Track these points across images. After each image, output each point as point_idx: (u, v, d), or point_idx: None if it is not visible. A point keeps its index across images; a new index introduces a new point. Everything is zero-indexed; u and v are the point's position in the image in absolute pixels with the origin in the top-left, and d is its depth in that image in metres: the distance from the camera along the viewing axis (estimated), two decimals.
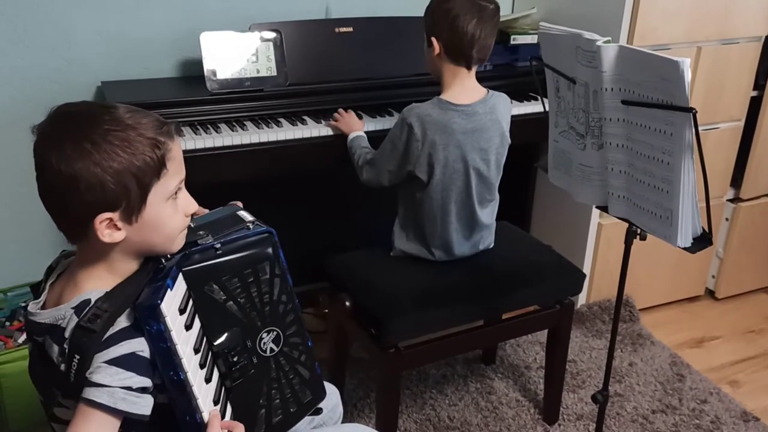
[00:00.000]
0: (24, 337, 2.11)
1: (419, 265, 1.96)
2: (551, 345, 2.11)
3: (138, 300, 1.07)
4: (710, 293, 2.91)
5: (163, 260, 1.14)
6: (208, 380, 1.12)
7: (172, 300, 1.07)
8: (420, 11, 1.94)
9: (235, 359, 1.16)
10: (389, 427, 1.90)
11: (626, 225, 1.49)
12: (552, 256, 2.06)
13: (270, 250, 1.20)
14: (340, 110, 2.15)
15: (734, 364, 2.53)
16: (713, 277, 2.86)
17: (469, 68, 1.86)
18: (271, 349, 1.22)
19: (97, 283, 1.09)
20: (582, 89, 1.43)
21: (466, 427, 2.16)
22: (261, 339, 1.20)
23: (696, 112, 1.19)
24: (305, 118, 2.17)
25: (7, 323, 2.15)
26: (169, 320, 1.04)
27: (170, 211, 1.10)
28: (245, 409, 1.19)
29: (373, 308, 1.83)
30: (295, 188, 2.51)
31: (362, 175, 1.98)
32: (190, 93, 2.18)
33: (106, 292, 1.07)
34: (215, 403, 1.13)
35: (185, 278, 1.11)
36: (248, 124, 2.11)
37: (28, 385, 1.98)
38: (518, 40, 2.54)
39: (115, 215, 1.04)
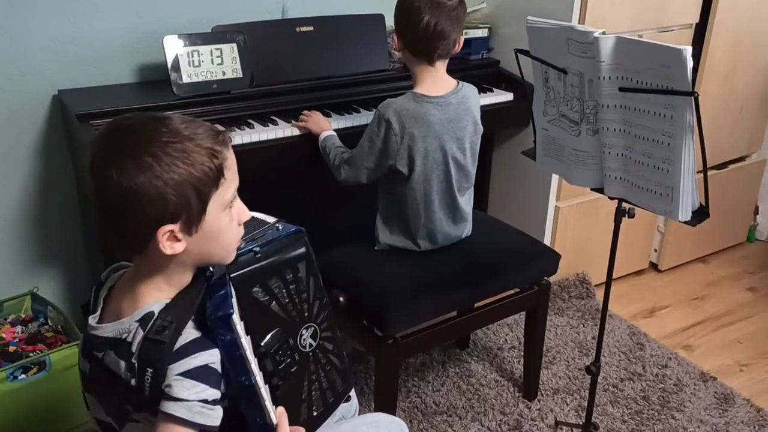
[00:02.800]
0: None
1: (406, 256, 2.00)
2: (530, 325, 2.20)
3: (206, 311, 1.08)
4: (653, 266, 3.10)
5: (210, 268, 1.14)
6: (266, 382, 1.14)
7: (235, 308, 1.09)
8: (371, 8, 1.95)
9: (281, 358, 1.18)
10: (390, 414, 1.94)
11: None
12: (527, 240, 2.15)
13: (304, 248, 1.23)
14: (305, 111, 2.17)
15: (685, 329, 2.71)
16: (655, 250, 3.05)
17: (430, 63, 1.91)
18: (310, 344, 1.24)
19: (157, 295, 1.09)
20: (576, 79, 1.51)
21: (452, 410, 2.23)
22: (301, 335, 1.22)
23: (698, 95, 1.29)
24: (274, 118, 2.18)
25: None
26: (239, 328, 1.07)
27: (227, 220, 1.10)
28: (289, 406, 1.21)
29: (370, 302, 1.86)
30: (266, 189, 2.49)
31: (340, 174, 2.00)
32: (155, 98, 2.13)
33: (167, 303, 1.07)
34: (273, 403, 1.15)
35: (234, 284, 1.12)
36: (218, 127, 2.09)
37: (4, 408, 1.93)
38: (469, 34, 2.62)
39: (175, 227, 1.04)
